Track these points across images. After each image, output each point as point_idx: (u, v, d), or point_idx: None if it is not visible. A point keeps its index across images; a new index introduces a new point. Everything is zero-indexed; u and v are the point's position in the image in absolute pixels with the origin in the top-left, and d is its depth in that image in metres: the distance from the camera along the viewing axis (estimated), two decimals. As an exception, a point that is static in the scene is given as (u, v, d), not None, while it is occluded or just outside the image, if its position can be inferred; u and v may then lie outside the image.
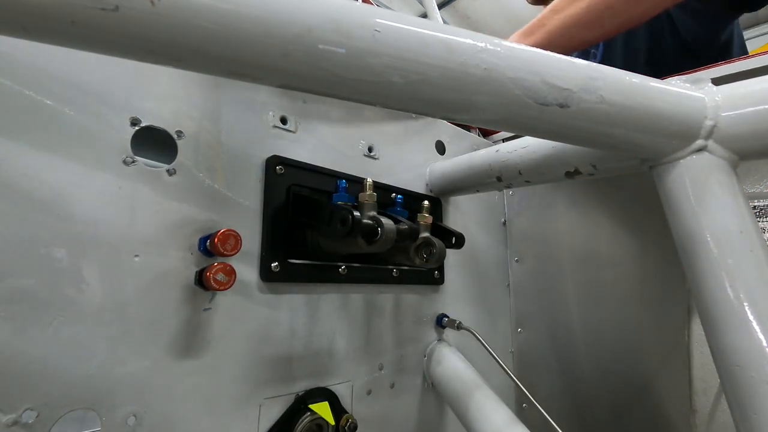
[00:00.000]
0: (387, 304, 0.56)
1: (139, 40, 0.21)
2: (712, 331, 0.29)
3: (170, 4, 0.21)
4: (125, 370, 0.34)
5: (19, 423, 0.29)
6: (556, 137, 0.34)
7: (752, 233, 0.30)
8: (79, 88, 0.34)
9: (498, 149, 0.55)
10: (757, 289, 0.28)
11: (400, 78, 0.26)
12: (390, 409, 0.55)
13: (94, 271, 0.33)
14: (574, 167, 0.46)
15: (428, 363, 0.60)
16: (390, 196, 0.55)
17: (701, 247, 0.30)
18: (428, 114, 0.29)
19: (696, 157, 0.32)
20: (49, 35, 0.20)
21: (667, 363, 0.60)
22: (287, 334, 0.45)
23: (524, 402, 0.70)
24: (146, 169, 0.37)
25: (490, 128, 0.73)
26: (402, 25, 0.26)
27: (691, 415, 0.56)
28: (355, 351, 0.52)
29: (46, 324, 0.31)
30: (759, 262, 0.29)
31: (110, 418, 0.33)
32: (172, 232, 0.38)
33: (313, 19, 0.23)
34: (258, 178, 0.45)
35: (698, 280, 0.30)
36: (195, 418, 0.38)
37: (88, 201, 0.34)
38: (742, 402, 0.27)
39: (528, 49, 0.29)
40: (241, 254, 0.39)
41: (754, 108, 0.31)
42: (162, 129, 0.38)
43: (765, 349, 0.27)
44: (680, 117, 0.32)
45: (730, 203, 0.30)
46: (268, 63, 0.24)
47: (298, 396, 0.45)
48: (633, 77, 0.32)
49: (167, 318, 0.37)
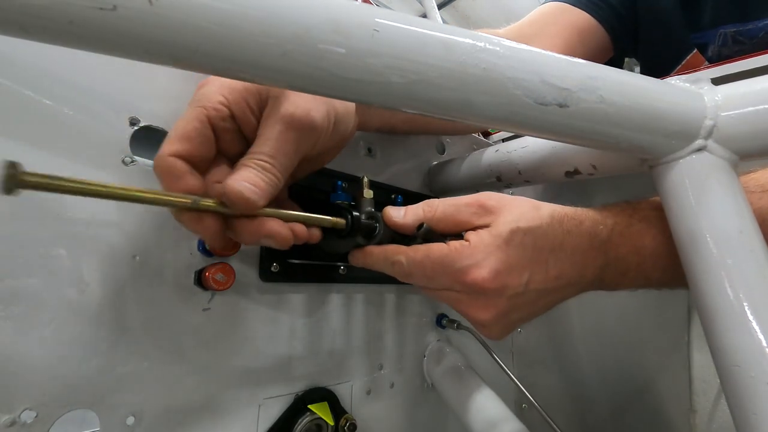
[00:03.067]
0: (387, 304, 0.56)
1: (137, 40, 0.21)
2: (712, 331, 0.29)
3: (168, 3, 0.21)
4: (125, 370, 0.34)
5: (17, 423, 0.29)
6: (555, 137, 0.34)
7: (752, 233, 0.30)
8: (78, 87, 0.34)
9: (497, 149, 0.55)
10: (757, 289, 0.28)
11: (400, 78, 0.26)
12: (390, 409, 0.55)
13: (94, 271, 0.33)
14: (574, 167, 0.46)
15: (428, 363, 0.60)
16: (390, 197, 0.55)
17: (701, 247, 0.30)
18: (428, 114, 0.29)
19: (696, 156, 0.32)
20: (47, 35, 0.20)
21: (667, 363, 0.60)
22: (287, 334, 0.45)
23: (524, 402, 0.70)
24: (145, 169, 0.37)
25: (489, 128, 0.73)
26: (401, 24, 0.26)
27: (691, 415, 0.56)
28: (355, 351, 0.52)
29: (45, 324, 0.31)
30: (759, 262, 0.29)
31: (109, 418, 0.33)
32: (171, 232, 0.38)
33: (311, 19, 0.23)
34: (257, 178, 0.44)
35: (698, 280, 0.30)
36: (194, 418, 0.38)
37: (88, 201, 0.34)
38: (742, 402, 0.27)
39: (527, 49, 0.29)
40: (241, 254, 0.39)
41: (754, 108, 0.31)
42: (161, 129, 0.38)
43: (765, 349, 0.26)
44: (680, 117, 0.31)
45: (730, 203, 0.30)
46: (267, 63, 0.24)
47: (297, 396, 0.45)
48: (632, 77, 0.32)
49: (167, 318, 0.37)
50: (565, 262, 0.36)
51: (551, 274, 0.36)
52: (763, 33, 0.64)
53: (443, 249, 0.36)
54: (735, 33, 0.66)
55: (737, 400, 0.28)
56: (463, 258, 0.35)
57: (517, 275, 0.35)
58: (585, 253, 0.37)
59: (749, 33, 0.65)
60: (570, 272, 0.37)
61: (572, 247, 0.37)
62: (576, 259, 0.37)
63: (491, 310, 0.36)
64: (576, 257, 0.37)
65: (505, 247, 0.35)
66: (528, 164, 0.51)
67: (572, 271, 0.37)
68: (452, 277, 0.35)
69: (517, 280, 0.35)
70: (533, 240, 0.36)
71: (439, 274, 0.36)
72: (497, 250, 0.35)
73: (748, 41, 0.66)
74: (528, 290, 0.35)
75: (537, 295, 0.36)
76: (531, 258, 0.35)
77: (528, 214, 0.37)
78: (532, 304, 0.37)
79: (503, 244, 0.35)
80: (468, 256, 0.35)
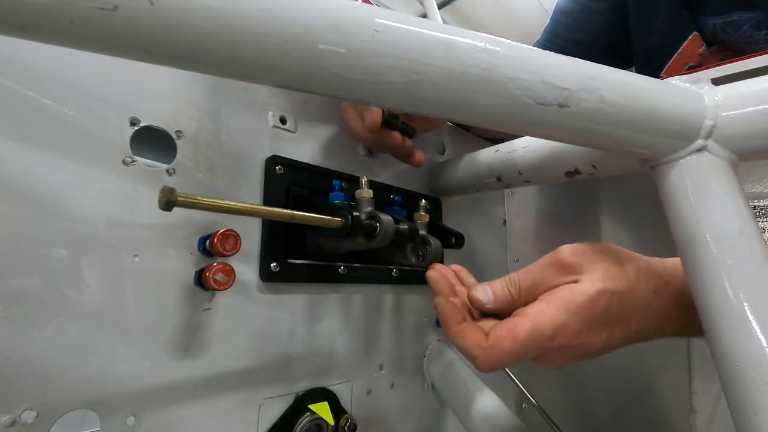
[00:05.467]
0: (387, 304, 0.56)
1: (138, 40, 0.21)
2: (712, 331, 0.29)
3: (169, 3, 0.21)
4: (125, 370, 0.34)
5: (18, 423, 0.29)
6: (555, 137, 0.34)
7: (752, 233, 0.30)
8: (78, 88, 0.34)
9: (497, 149, 0.55)
10: (757, 289, 0.28)
11: (400, 78, 0.26)
12: (390, 409, 0.55)
13: (94, 271, 0.33)
14: (574, 167, 0.46)
15: (428, 363, 0.60)
16: (389, 197, 0.55)
17: (701, 247, 0.30)
18: (428, 114, 0.29)
19: (696, 157, 0.32)
20: (47, 35, 0.20)
21: (667, 363, 0.60)
22: (287, 334, 0.45)
23: (524, 402, 0.70)
24: (146, 169, 0.37)
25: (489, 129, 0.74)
26: (401, 24, 0.26)
27: (691, 415, 0.56)
28: (355, 351, 0.52)
29: (45, 324, 0.31)
30: (759, 262, 0.29)
31: (110, 418, 0.33)
32: (171, 232, 0.38)
33: (312, 19, 0.23)
34: (257, 178, 0.45)
35: (698, 280, 0.30)
36: (195, 418, 0.38)
37: (88, 201, 0.34)
38: (742, 402, 0.27)
39: (527, 48, 0.29)
40: (241, 254, 0.39)
41: (754, 108, 0.31)
42: (161, 129, 0.38)
43: (765, 349, 0.26)
44: (680, 117, 0.31)
45: (730, 203, 0.30)
46: (267, 63, 0.24)
47: (297, 396, 0.45)
48: (633, 77, 0.32)
49: (167, 318, 0.37)
50: (648, 322, 0.35)
51: (632, 330, 0.35)
52: (746, 27, 0.65)
53: (525, 323, 0.33)
54: (723, 24, 0.67)
55: (737, 400, 0.28)
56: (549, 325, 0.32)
57: (599, 332, 0.34)
58: (669, 315, 0.35)
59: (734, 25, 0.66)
60: (650, 329, 0.35)
61: (657, 308, 0.35)
62: (659, 319, 0.35)
63: (569, 359, 0.35)
64: (660, 318, 0.35)
65: (591, 307, 0.33)
66: (528, 164, 0.51)
67: (652, 328, 0.35)
68: (540, 346, 0.33)
69: (599, 337, 0.34)
70: (620, 300, 0.34)
71: (529, 350, 0.33)
72: (582, 310, 0.33)
73: (733, 33, 0.67)
74: (608, 345, 0.34)
75: (614, 347, 0.35)
76: (616, 318, 0.34)
77: (613, 272, 0.34)
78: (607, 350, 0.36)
79: (588, 303, 0.33)
80: (553, 321, 0.32)
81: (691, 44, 0.72)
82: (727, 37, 0.68)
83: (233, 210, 0.33)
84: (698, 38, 0.72)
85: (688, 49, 0.73)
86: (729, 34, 0.67)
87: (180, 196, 0.30)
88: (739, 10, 0.65)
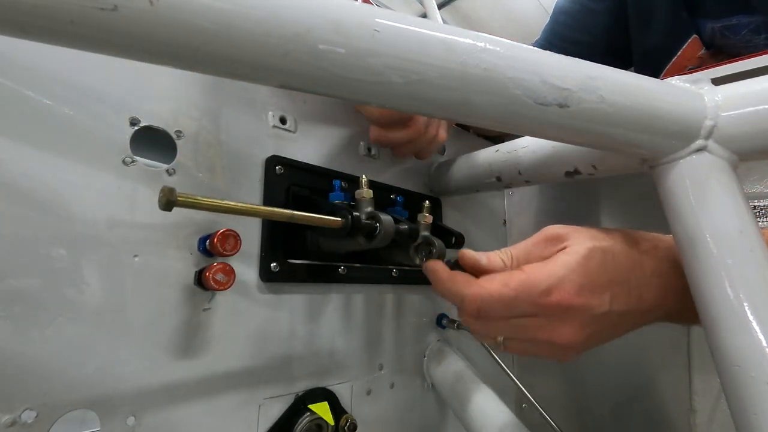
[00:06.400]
0: (387, 304, 0.56)
1: (138, 40, 0.21)
2: (712, 331, 0.29)
3: (169, 3, 0.21)
4: (125, 370, 0.34)
5: (18, 423, 0.29)
6: (555, 137, 0.34)
7: (752, 233, 0.30)
8: (78, 88, 0.34)
9: (498, 149, 0.55)
10: (757, 289, 0.28)
11: (400, 78, 0.26)
12: (390, 409, 0.55)
13: (94, 271, 0.33)
14: (574, 167, 0.46)
15: (428, 363, 0.60)
16: (390, 197, 0.55)
17: (701, 247, 0.30)
18: (428, 114, 0.29)
19: (696, 157, 0.32)
20: (47, 35, 0.20)
21: (667, 363, 0.60)
22: (287, 334, 0.45)
23: (524, 402, 0.70)
24: (146, 169, 0.37)
25: (489, 129, 0.74)
26: (401, 25, 0.26)
27: (691, 415, 0.56)
28: (355, 351, 0.52)
29: (46, 324, 0.31)
30: (759, 262, 0.29)
31: (110, 418, 0.33)
32: (171, 232, 0.38)
33: (312, 19, 0.23)
34: (258, 178, 0.45)
35: (698, 280, 0.30)
36: (195, 418, 0.38)
37: (88, 201, 0.34)
38: (742, 402, 0.27)
39: (528, 49, 0.29)
40: (241, 254, 0.39)
41: (754, 108, 0.31)
42: (161, 129, 0.38)
43: (765, 349, 0.26)
44: (680, 117, 0.31)
45: (730, 203, 0.30)
46: (267, 63, 0.24)
47: (297, 396, 0.45)
48: (633, 77, 0.32)
49: (167, 318, 0.37)
50: (646, 285, 0.35)
51: (633, 295, 0.34)
52: (745, 31, 0.65)
53: (520, 275, 0.34)
54: (722, 28, 0.67)
55: (737, 400, 0.28)
56: (543, 279, 0.33)
57: (599, 293, 0.33)
58: (665, 276, 0.35)
59: (734, 29, 0.66)
60: (651, 296, 0.35)
61: (651, 269, 0.35)
62: (657, 281, 0.35)
63: (578, 331, 0.34)
64: (656, 279, 0.35)
65: (585, 263, 0.33)
66: (528, 164, 0.51)
67: (654, 294, 0.35)
68: (534, 301, 0.33)
69: (601, 299, 0.33)
70: (612, 257, 0.34)
71: (520, 300, 0.33)
72: (578, 266, 0.33)
73: (732, 37, 0.67)
74: (612, 310, 0.34)
75: (620, 317, 0.34)
76: (612, 277, 0.34)
77: (600, 235, 0.35)
78: (614, 326, 0.35)
79: (583, 260, 0.33)
80: (549, 276, 0.33)
81: (691, 47, 0.72)
82: (726, 41, 0.68)
83: (233, 210, 0.33)
84: (698, 41, 0.72)
85: (687, 52, 0.73)
86: (727, 38, 0.67)
87: (180, 196, 0.30)
88: (739, 14, 0.65)
